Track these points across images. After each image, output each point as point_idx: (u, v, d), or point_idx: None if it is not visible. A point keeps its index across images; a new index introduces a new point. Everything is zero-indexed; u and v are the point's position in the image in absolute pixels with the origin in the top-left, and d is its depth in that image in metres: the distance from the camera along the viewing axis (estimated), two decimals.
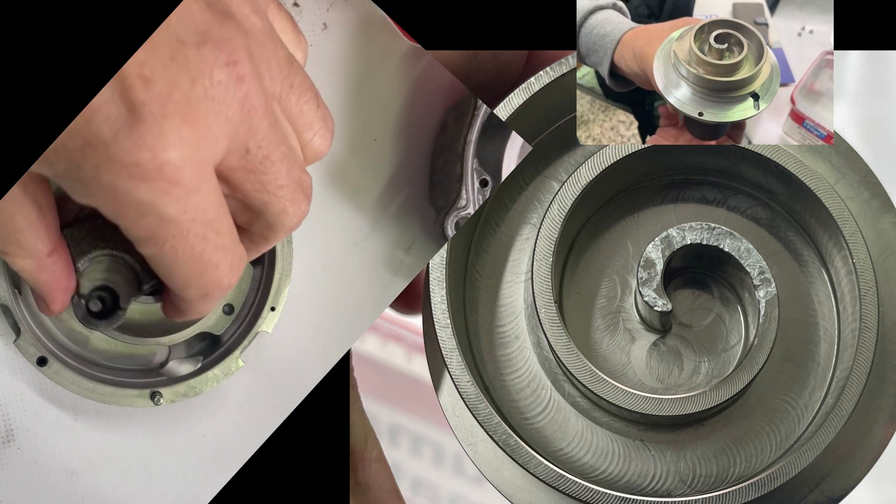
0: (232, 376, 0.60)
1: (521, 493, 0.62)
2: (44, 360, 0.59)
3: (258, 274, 0.61)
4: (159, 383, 0.60)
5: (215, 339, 0.61)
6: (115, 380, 0.60)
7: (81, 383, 0.59)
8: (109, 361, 0.61)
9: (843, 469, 0.61)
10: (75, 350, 0.61)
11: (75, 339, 0.61)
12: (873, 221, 0.62)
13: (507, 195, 0.65)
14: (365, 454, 0.64)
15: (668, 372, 0.63)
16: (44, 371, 0.59)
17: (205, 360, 0.61)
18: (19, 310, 0.59)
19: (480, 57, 0.66)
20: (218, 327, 0.61)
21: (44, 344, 0.59)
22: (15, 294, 0.59)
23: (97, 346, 0.61)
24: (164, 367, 0.61)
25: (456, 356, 0.61)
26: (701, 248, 0.61)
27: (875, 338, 0.59)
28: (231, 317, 0.61)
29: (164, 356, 0.61)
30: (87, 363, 0.60)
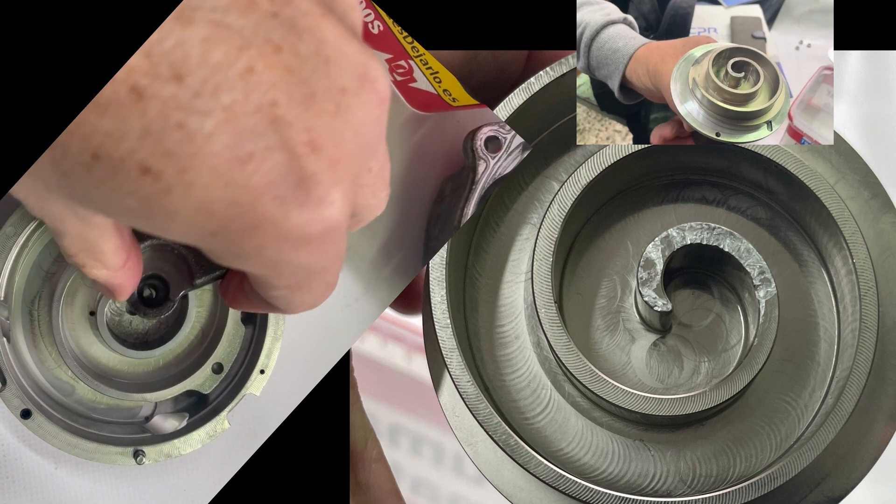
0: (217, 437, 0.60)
1: (521, 493, 0.62)
2: (28, 412, 0.58)
3: (249, 333, 0.61)
4: (143, 440, 0.60)
5: (203, 397, 0.61)
6: (98, 434, 0.60)
7: (64, 438, 0.59)
8: (94, 413, 0.61)
9: (843, 469, 0.61)
10: (60, 400, 0.60)
11: (61, 388, 0.61)
12: (873, 221, 0.62)
13: (507, 195, 0.65)
14: (365, 454, 0.64)
15: (668, 372, 0.63)
16: (27, 424, 0.58)
17: (191, 418, 0.61)
18: (6, 359, 0.59)
19: (480, 57, 0.66)
20: (206, 386, 0.61)
21: (28, 395, 0.59)
22: (2, 344, 0.59)
23: (83, 396, 0.61)
24: (149, 422, 0.60)
25: (456, 356, 0.61)
26: (701, 248, 0.61)
27: (875, 338, 0.59)
28: (220, 376, 0.61)
29: (149, 410, 0.61)
30: (71, 414, 0.60)
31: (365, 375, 1.01)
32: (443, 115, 0.62)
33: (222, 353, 0.61)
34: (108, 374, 0.61)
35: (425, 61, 0.59)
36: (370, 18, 0.60)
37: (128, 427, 0.61)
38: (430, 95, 0.61)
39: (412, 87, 0.61)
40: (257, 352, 0.60)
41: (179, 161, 0.41)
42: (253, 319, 0.61)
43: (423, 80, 0.60)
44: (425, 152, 0.63)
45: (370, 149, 0.45)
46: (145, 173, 0.41)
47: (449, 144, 0.63)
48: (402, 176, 0.62)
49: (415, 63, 0.60)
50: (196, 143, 0.41)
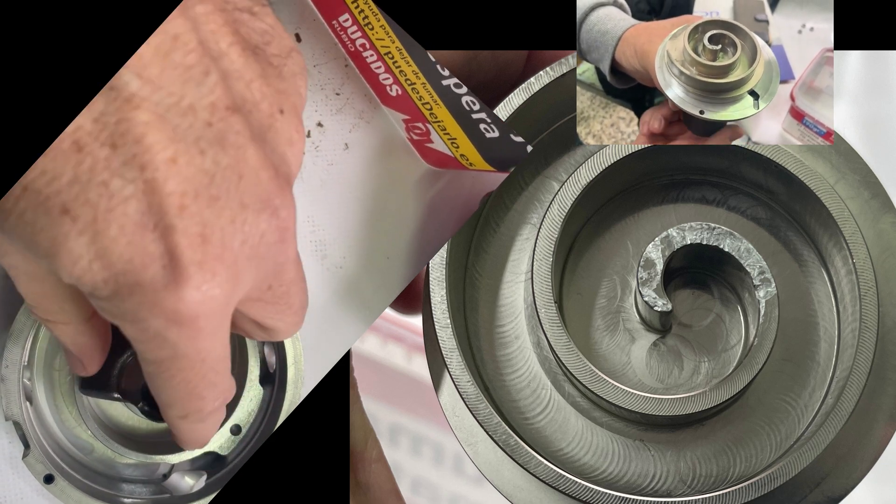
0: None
1: (521, 493, 0.62)
2: (50, 477, 0.59)
3: (267, 395, 0.62)
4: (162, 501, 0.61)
5: (221, 458, 0.62)
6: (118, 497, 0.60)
7: (87, 503, 0.60)
8: (113, 471, 0.62)
9: (843, 469, 0.61)
10: (81, 459, 0.61)
11: (81, 447, 0.61)
12: (873, 221, 0.62)
13: (507, 195, 0.65)
14: (365, 454, 0.64)
15: (668, 372, 0.63)
16: (50, 489, 0.59)
17: (209, 479, 0.61)
18: (29, 423, 0.60)
19: (480, 57, 0.66)
20: (224, 448, 0.61)
21: (51, 458, 0.60)
22: (25, 408, 0.60)
23: (102, 454, 0.61)
24: (167, 480, 0.61)
25: (456, 356, 0.61)
26: (701, 248, 0.61)
27: (875, 338, 0.59)
28: (238, 437, 0.62)
29: (167, 468, 0.61)
30: (92, 474, 0.61)
31: (365, 375, 1.01)
32: (458, 173, 0.63)
33: (241, 414, 0.62)
34: (127, 433, 0.62)
35: (443, 127, 0.60)
36: (388, 82, 0.61)
37: (146, 483, 0.62)
38: (447, 156, 0.62)
39: (428, 147, 0.62)
40: (276, 412, 0.61)
41: (96, 211, 0.48)
42: (271, 379, 0.62)
43: (440, 142, 0.61)
44: (441, 207, 0.64)
45: (265, 268, 0.51)
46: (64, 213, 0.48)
47: (464, 199, 0.64)
48: (418, 231, 0.64)
49: (432, 127, 0.61)
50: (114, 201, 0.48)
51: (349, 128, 0.63)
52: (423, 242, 0.64)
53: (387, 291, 0.63)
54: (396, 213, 0.63)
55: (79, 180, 0.48)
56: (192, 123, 0.49)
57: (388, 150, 0.64)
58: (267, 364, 0.62)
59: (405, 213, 0.63)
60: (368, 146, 0.63)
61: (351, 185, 0.63)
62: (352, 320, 0.63)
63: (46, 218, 0.48)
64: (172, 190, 0.48)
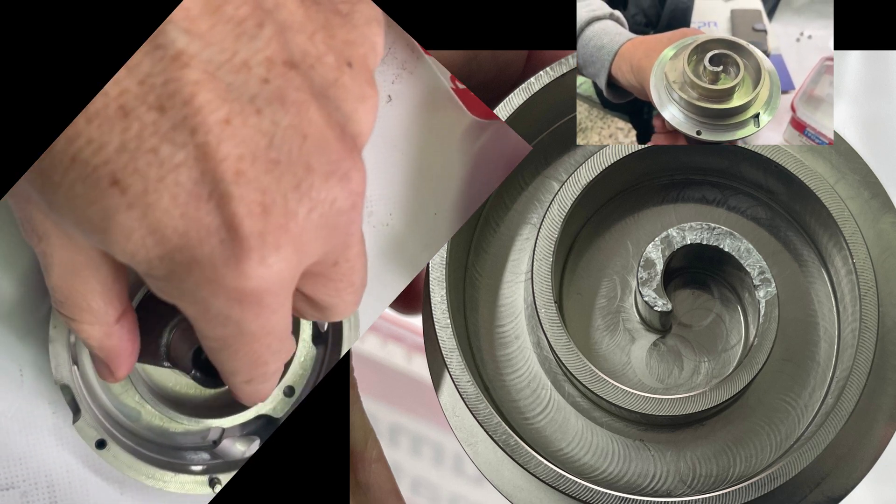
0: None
1: (521, 493, 0.62)
2: (103, 442, 0.58)
3: (320, 354, 0.60)
4: (217, 467, 0.59)
5: (274, 420, 0.60)
6: (172, 462, 0.59)
7: (139, 468, 0.58)
8: (162, 438, 0.60)
9: (843, 469, 0.61)
10: (129, 426, 0.59)
11: (128, 414, 0.60)
12: (873, 221, 0.62)
13: (507, 195, 0.65)
14: (365, 454, 0.64)
15: (668, 372, 0.63)
16: (102, 454, 0.58)
17: (262, 442, 0.60)
18: (78, 387, 0.58)
19: (480, 57, 0.66)
20: (278, 410, 0.60)
21: (101, 424, 0.58)
22: (74, 372, 0.58)
23: (150, 422, 0.60)
24: (217, 447, 0.60)
25: (456, 356, 0.61)
26: (701, 248, 0.61)
27: (875, 338, 0.59)
28: (292, 399, 0.60)
29: (217, 434, 0.60)
30: (141, 440, 0.59)
31: (365, 375, 1.01)
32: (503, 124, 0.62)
33: (293, 376, 0.60)
34: (175, 399, 0.60)
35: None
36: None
37: (197, 450, 0.60)
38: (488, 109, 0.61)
39: (473, 98, 0.61)
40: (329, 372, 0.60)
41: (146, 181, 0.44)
42: (324, 339, 0.60)
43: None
44: (486, 160, 0.62)
45: (334, 240, 0.47)
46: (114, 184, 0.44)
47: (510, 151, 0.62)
48: (464, 184, 0.62)
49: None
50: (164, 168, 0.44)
51: (392, 79, 0.61)
52: (469, 196, 0.61)
53: (432, 247, 0.61)
54: (442, 168, 0.61)
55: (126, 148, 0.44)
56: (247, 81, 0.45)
57: (432, 101, 0.61)
58: (318, 324, 0.60)
59: (451, 167, 0.61)
60: (412, 98, 0.61)
61: (395, 139, 0.61)
62: (396, 277, 0.61)
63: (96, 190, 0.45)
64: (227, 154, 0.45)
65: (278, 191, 0.45)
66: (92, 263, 0.50)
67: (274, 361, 0.51)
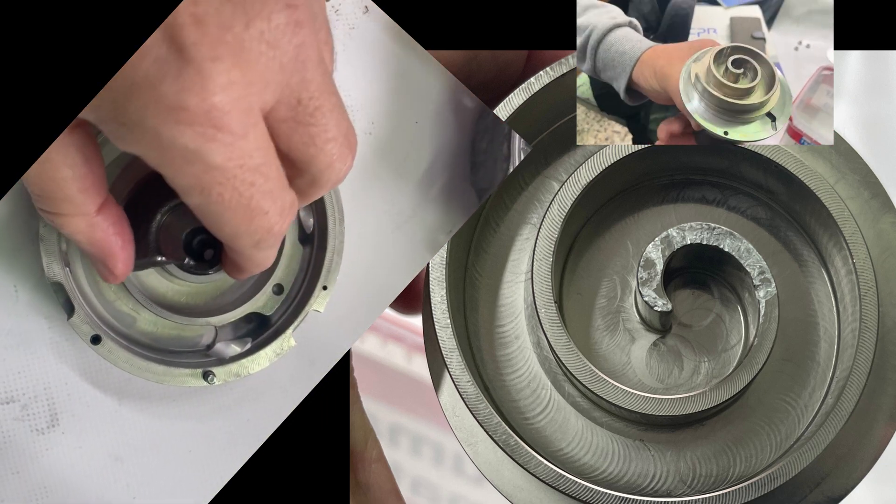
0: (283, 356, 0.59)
1: (521, 493, 0.62)
2: (97, 338, 0.58)
3: (307, 253, 0.60)
4: (211, 363, 0.59)
5: (264, 319, 0.60)
6: (166, 359, 0.59)
7: (134, 362, 0.58)
8: (157, 343, 0.60)
9: (843, 469, 0.61)
10: (123, 331, 0.60)
11: (122, 320, 0.60)
12: (873, 221, 0.62)
13: (507, 195, 0.65)
14: (365, 454, 0.64)
15: (668, 372, 0.63)
16: (97, 350, 0.58)
17: (254, 342, 0.60)
18: (72, 286, 0.58)
19: (480, 57, 0.66)
20: (268, 307, 0.60)
21: (96, 323, 0.59)
22: (67, 272, 0.58)
23: (144, 327, 0.60)
24: (212, 349, 0.60)
25: (456, 356, 0.61)
26: (701, 248, 0.61)
27: (875, 338, 0.59)
28: (281, 297, 0.60)
29: (210, 338, 0.60)
30: (136, 343, 0.59)
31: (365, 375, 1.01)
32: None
33: (282, 273, 0.60)
34: (169, 305, 0.60)
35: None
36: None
37: (191, 354, 0.60)
38: None
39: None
40: (318, 269, 0.59)
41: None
42: (310, 239, 0.60)
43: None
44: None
45: (286, 70, 0.46)
46: None
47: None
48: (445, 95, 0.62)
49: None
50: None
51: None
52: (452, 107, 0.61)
53: (417, 156, 0.61)
54: (422, 78, 0.61)
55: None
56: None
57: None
58: (304, 225, 0.60)
59: (431, 78, 0.61)
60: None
61: (373, 48, 0.61)
62: (384, 185, 0.61)
63: None
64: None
65: (210, 3, 0.45)
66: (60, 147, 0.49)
67: (273, 209, 0.49)
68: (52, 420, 0.59)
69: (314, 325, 0.60)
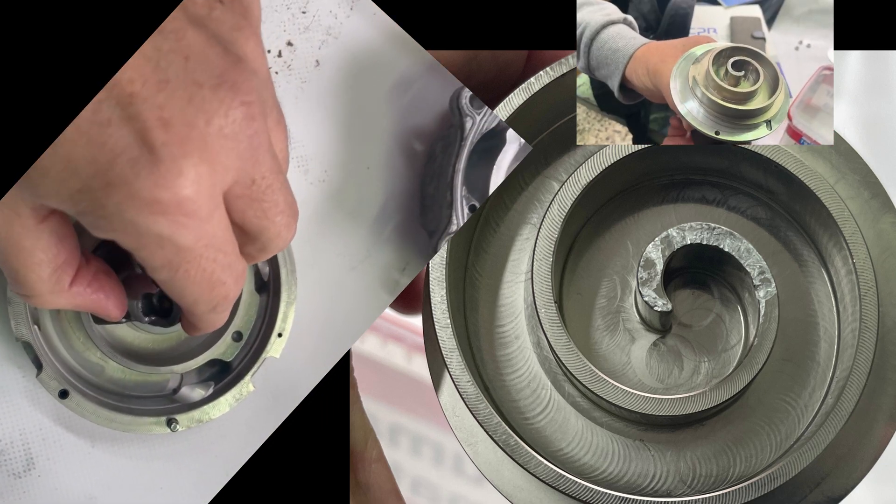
0: (243, 400, 0.62)
1: (521, 493, 0.62)
2: (65, 392, 0.61)
3: (264, 301, 0.63)
4: (174, 409, 0.62)
5: (225, 365, 0.63)
6: (132, 408, 0.62)
7: (101, 413, 0.61)
8: (124, 390, 0.63)
9: (843, 469, 0.61)
10: (92, 380, 0.63)
11: (91, 369, 0.63)
12: (873, 221, 0.62)
13: (507, 195, 0.65)
14: (365, 454, 0.64)
15: (668, 372, 0.63)
16: (65, 403, 0.61)
17: (216, 386, 0.63)
18: (40, 344, 0.61)
19: (480, 57, 0.66)
20: (228, 354, 0.63)
21: (64, 377, 0.62)
22: (35, 330, 0.61)
23: (112, 375, 0.63)
24: (177, 394, 0.63)
25: (456, 356, 0.61)
26: (701, 248, 0.61)
27: (875, 338, 0.59)
28: (240, 343, 0.63)
29: (176, 383, 0.63)
30: (104, 393, 0.62)
31: (365, 375, 1.01)
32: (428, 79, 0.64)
33: (240, 321, 0.63)
34: (135, 353, 0.63)
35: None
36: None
37: (158, 400, 0.63)
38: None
39: None
40: (273, 317, 0.63)
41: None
42: (266, 287, 0.63)
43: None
44: (414, 115, 0.65)
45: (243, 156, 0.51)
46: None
47: (436, 105, 0.65)
48: (394, 141, 0.65)
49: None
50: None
51: (318, 45, 0.64)
52: (400, 153, 0.65)
53: (369, 200, 0.64)
54: (371, 126, 0.64)
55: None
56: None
57: (358, 63, 0.64)
58: (261, 274, 0.63)
59: (379, 126, 0.64)
60: (338, 61, 0.64)
61: (325, 100, 0.64)
62: (340, 229, 0.64)
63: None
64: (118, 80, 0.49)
65: (174, 106, 0.49)
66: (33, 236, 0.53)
67: (230, 279, 0.54)
68: (29, 464, 0.62)
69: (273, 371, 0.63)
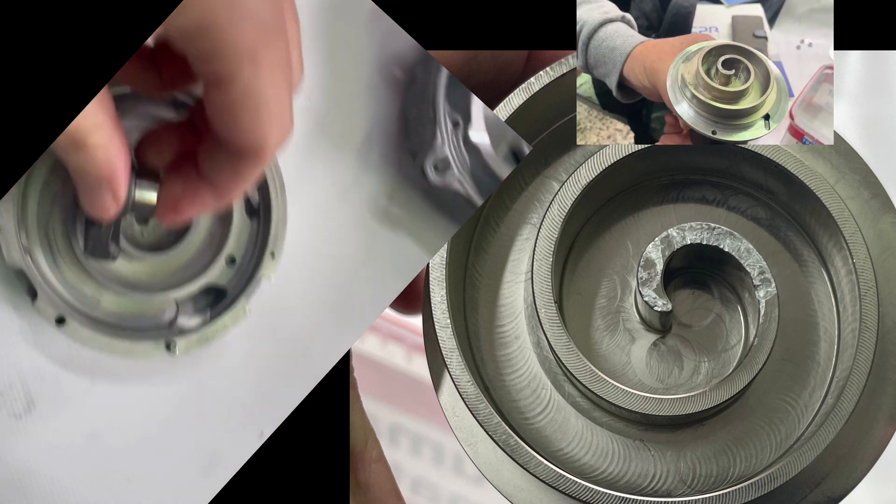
0: (240, 323, 0.62)
1: (521, 493, 0.62)
2: (62, 318, 0.60)
3: (255, 224, 0.63)
4: (173, 333, 0.62)
5: (220, 291, 0.63)
6: (130, 335, 0.62)
7: (99, 340, 0.61)
8: (121, 322, 0.62)
9: (843, 469, 0.61)
10: (88, 312, 0.62)
11: (86, 302, 0.62)
12: (873, 221, 0.62)
13: (507, 195, 0.65)
14: (365, 454, 0.64)
15: (668, 372, 0.63)
16: (63, 330, 0.60)
17: (212, 313, 0.63)
18: (33, 273, 0.60)
19: (480, 57, 0.66)
20: (223, 278, 0.63)
21: (59, 304, 0.61)
22: (27, 259, 0.60)
23: (108, 307, 0.62)
24: (174, 324, 0.62)
25: (456, 356, 0.61)
26: (701, 248, 0.61)
27: (875, 338, 0.59)
28: (234, 267, 0.63)
29: (172, 313, 0.63)
30: (101, 325, 0.62)
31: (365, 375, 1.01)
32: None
33: (233, 245, 0.63)
34: (130, 284, 0.62)
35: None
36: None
37: (155, 330, 0.63)
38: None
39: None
40: (265, 238, 0.63)
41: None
42: (256, 213, 0.63)
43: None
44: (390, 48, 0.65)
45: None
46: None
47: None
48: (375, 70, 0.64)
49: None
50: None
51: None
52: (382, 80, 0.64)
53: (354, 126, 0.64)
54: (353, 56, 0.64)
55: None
56: None
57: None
58: (250, 200, 0.63)
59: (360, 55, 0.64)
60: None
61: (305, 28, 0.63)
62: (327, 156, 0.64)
63: None
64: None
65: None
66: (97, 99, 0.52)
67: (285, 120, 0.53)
68: (29, 405, 0.61)
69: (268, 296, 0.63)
